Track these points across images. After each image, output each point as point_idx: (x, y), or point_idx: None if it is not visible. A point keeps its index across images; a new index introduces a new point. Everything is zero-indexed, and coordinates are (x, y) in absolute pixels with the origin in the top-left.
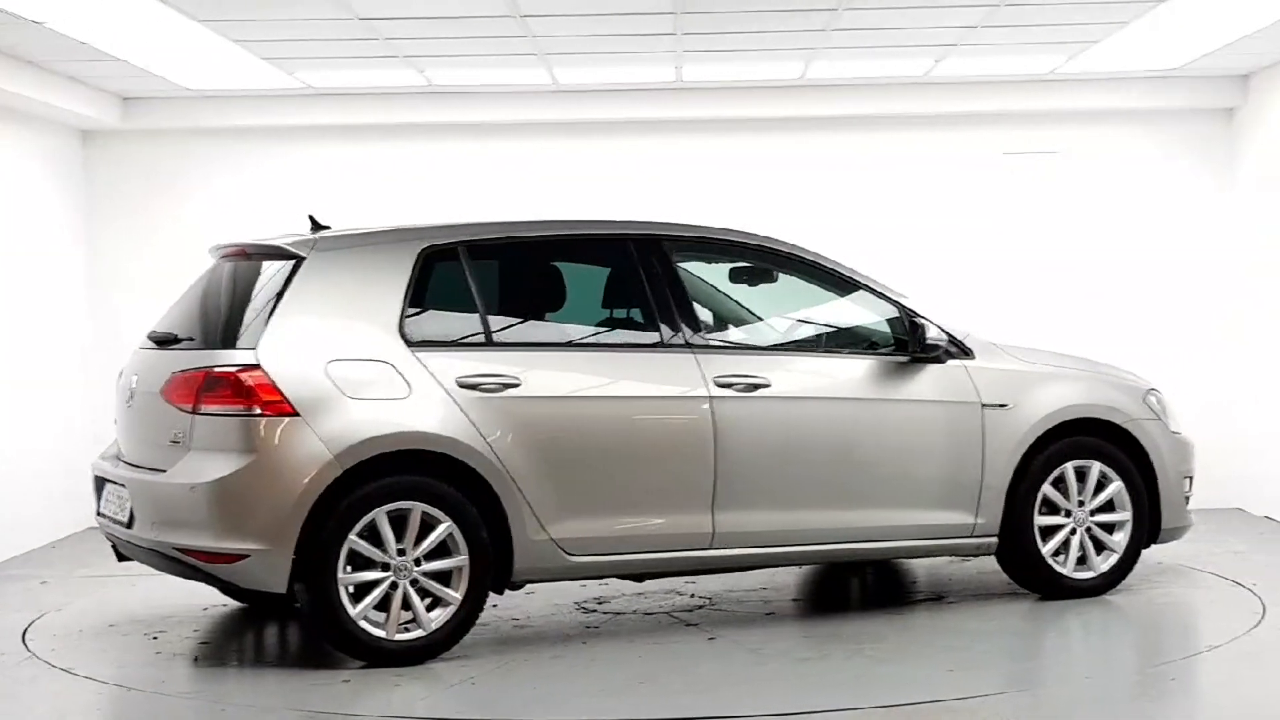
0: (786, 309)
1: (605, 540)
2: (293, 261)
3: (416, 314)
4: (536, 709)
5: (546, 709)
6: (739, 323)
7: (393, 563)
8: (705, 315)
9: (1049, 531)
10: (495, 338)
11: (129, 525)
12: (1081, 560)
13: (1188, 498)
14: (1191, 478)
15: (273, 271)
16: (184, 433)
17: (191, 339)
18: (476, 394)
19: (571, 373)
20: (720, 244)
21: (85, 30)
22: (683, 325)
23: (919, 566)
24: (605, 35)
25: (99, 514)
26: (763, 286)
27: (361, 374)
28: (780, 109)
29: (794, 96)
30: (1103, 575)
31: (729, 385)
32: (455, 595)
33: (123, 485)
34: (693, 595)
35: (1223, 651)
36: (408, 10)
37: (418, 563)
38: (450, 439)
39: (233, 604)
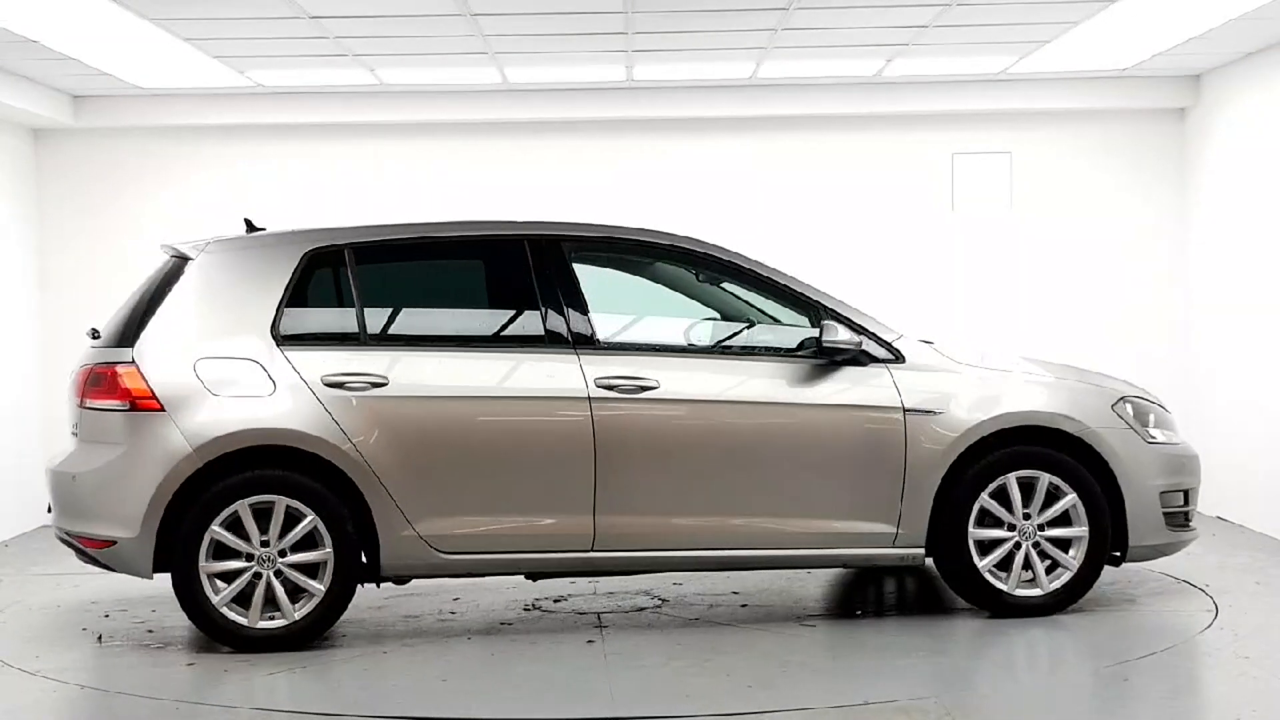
0: (697, 310)
1: (478, 538)
2: (184, 262)
3: (293, 314)
4: (314, 700)
5: (315, 699)
6: (640, 324)
7: (256, 553)
8: (603, 317)
9: (990, 546)
10: (371, 338)
11: (49, 512)
12: (1032, 578)
13: (1178, 514)
14: (1187, 492)
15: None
16: (77, 425)
17: (102, 335)
18: (341, 392)
19: (443, 373)
20: (621, 243)
21: (36, 29)
22: (569, 326)
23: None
24: (556, 35)
25: None
26: (664, 288)
27: (227, 372)
28: (731, 109)
29: (745, 96)
30: (1051, 594)
31: (612, 387)
32: (319, 587)
33: None
34: (655, 596)
35: (1176, 652)
36: (358, 9)
37: (282, 554)
38: (307, 435)
39: None
